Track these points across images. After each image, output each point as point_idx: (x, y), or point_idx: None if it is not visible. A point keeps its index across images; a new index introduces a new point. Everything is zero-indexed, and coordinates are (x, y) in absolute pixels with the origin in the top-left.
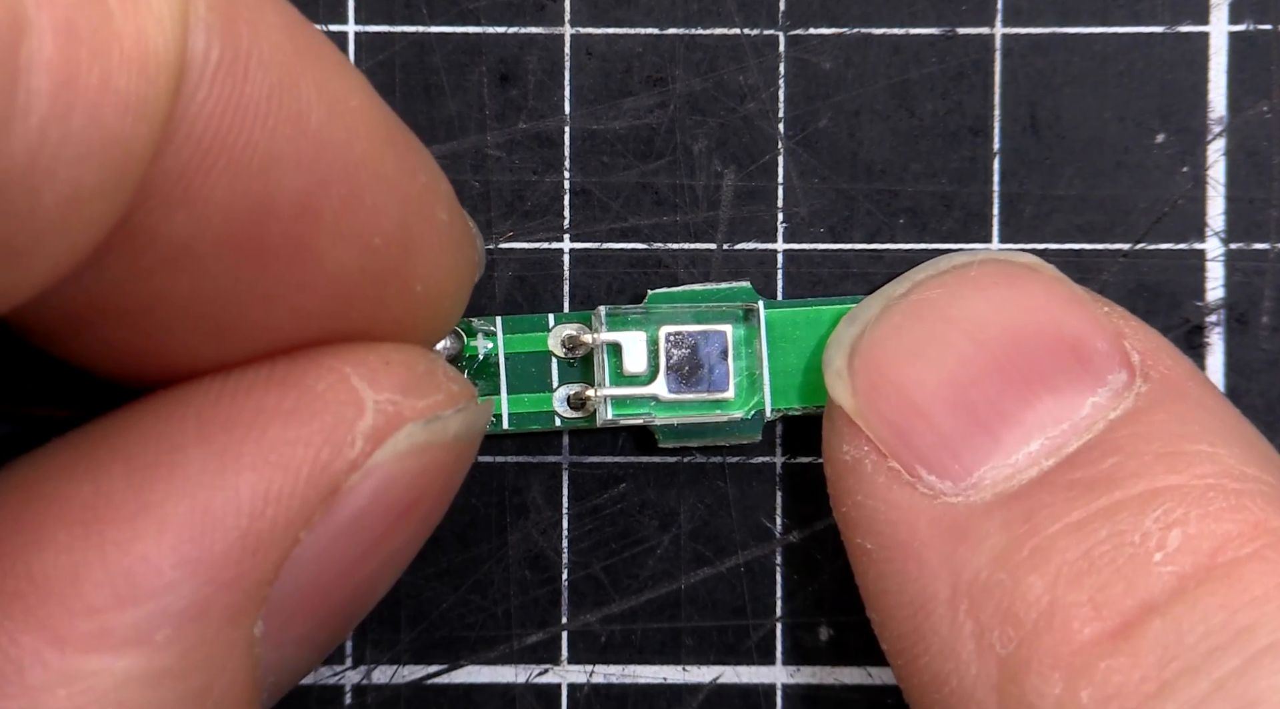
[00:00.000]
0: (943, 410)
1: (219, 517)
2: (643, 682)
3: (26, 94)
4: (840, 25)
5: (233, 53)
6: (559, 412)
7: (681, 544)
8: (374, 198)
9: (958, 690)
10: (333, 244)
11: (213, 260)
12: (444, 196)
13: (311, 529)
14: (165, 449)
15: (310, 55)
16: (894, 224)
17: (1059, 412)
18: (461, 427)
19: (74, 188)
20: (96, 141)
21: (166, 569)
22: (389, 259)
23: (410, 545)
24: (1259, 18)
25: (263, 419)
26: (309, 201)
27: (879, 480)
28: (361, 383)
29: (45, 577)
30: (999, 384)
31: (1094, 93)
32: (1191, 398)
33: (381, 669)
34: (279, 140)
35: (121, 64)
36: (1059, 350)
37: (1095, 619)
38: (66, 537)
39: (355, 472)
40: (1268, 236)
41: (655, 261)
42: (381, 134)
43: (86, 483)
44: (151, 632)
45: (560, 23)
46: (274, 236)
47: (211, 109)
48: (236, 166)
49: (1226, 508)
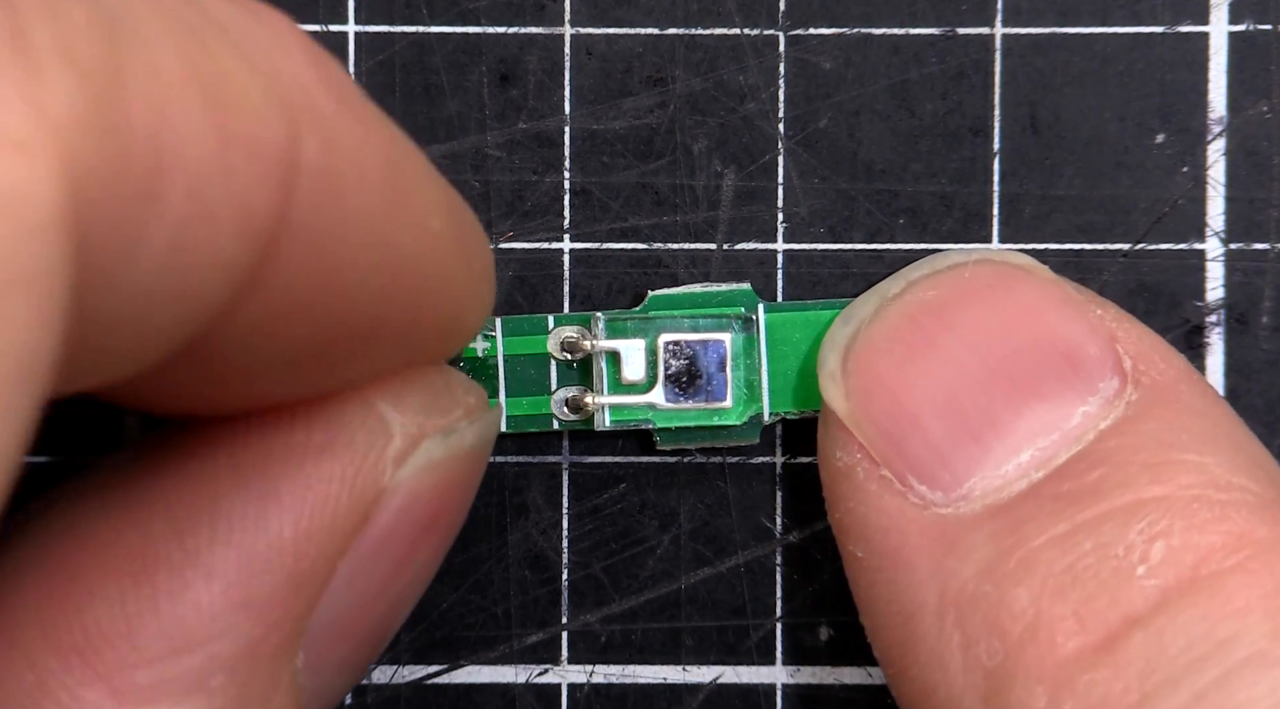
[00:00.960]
0: (934, 417)
1: (264, 559)
2: (643, 682)
3: (147, 247)
4: (840, 25)
5: (334, 212)
6: (557, 414)
7: (681, 544)
8: (439, 299)
9: (945, 701)
10: (395, 341)
11: (284, 369)
12: (489, 267)
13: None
14: (204, 496)
15: (404, 184)
16: (894, 224)
17: (1050, 420)
18: (476, 437)
19: (142, 329)
20: (177, 292)
21: (218, 616)
22: (440, 332)
23: (435, 558)
24: (1259, 18)
25: (295, 456)
26: (381, 320)
27: (871, 488)
28: (388, 408)
29: (100, 630)
30: (991, 391)
31: (1094, 93)
32: (1183, 404)
33: (381, 669)
34: (365, 279)
35: (226, 226)
36: (1051, 357)
37: (1079, 632)
38: (117, 589)
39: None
40: (1268, 236)
41: (655, 261)
42: (453, 247)
43: (129, 532)
44: (207, 678)
45: (560, 23)
46: (344, 347)
47: (305, 264)
48: (321, 309)
49: (1211, 519)
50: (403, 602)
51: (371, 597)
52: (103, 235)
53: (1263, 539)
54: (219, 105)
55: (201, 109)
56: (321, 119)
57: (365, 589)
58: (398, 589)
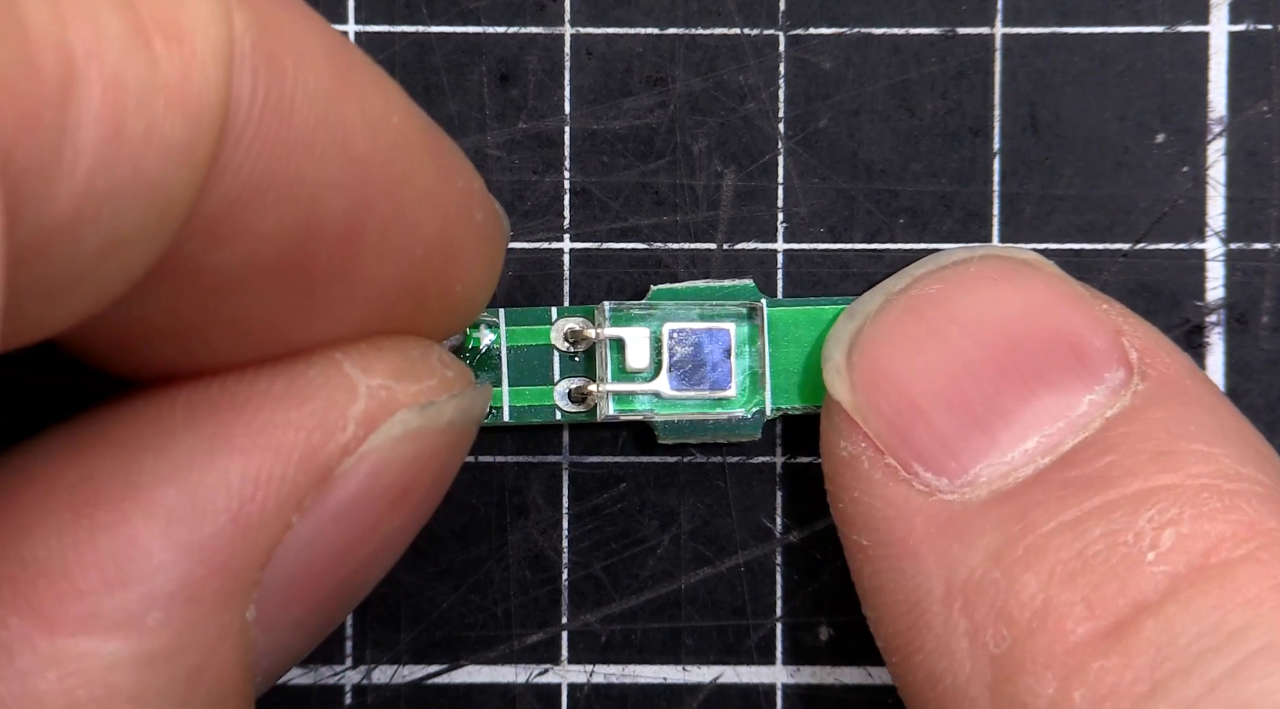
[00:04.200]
0: (940, 407)
1: (208, 499)
2: (643, 682)
3: (74, 148)
4: (840, 25)
5: (278, 91)
6: (560, 405)
7: (681, 544)
8: (416, 211)
9: (951, 689)
10: (377, 261)
11: (259, 287)
12: (479, 195)
13: (304, 514)
14: (154, 433)
15: (352, 78)
16: (894, 224)
17: (1056, 409)
18: (456, 413)
19: (115, 233)
20: (139, 189)
21: (156, 552)
22: (431, 267)
23: (405, 532)
24: (1259, 18)
25: (253, 403)
26: (354, 224)
27: (875, 477)
28: (354, 368)
29: (34, 561)
30: (996, 381)
31: (1094, 93)
32: (1189, 396)
33: (381, 669)
34: (324, 169)
35: (166, 112)
36: (1057, 347)
37: (1088, 619)
38: (55, 520)
39: (348, 457)
40: (1268, 236)
41: (655, 261)
42: (421, 146)
43: (74, 466)
44: (142, 615)
45: (560, 23)
46: (319, 261)
47: (257, 148)
48: (282, 200)
49: (1220, 508)
50: (367, 571)
51: (333, 560)
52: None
53: (1273, 529)
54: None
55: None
56: (249, 2)
57: (327, 552)
58: (361, 556)
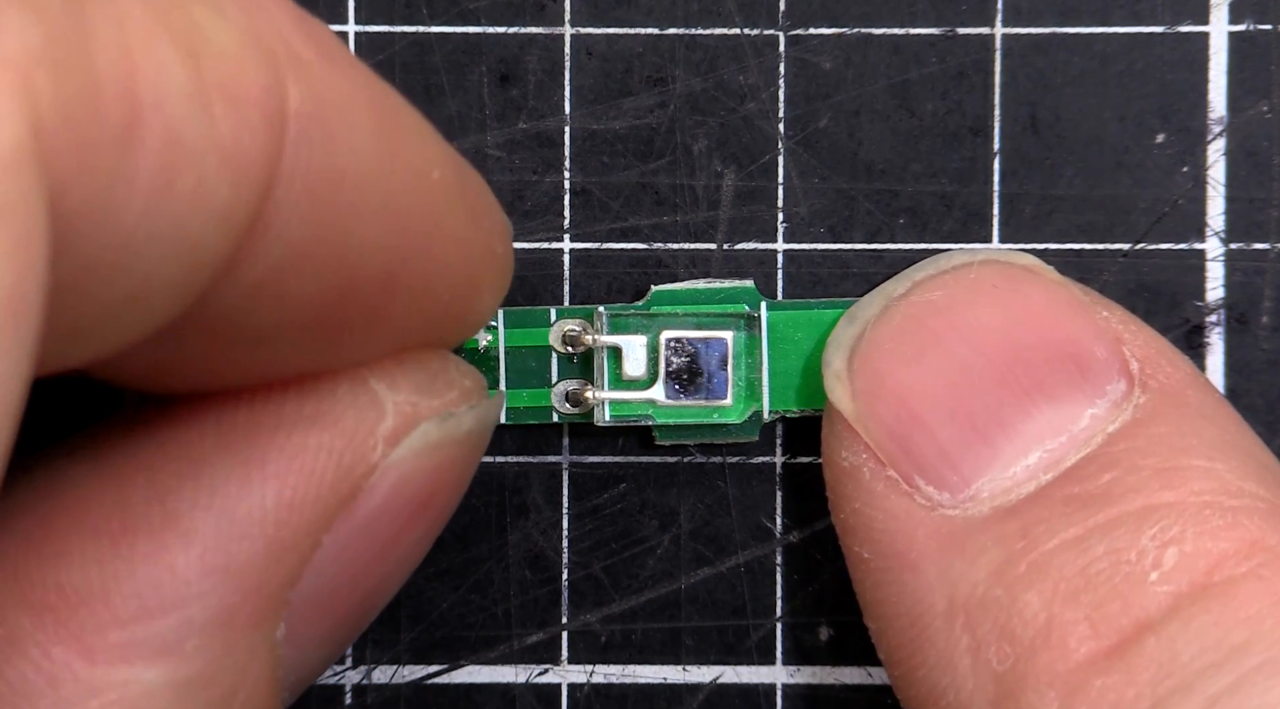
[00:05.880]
0: (942, 419)
1: (244, 525)
2: (643, 682)
3: (126, 194)
4: (840, 25)
5: (328, 160)
6: (557, 407)
7: (681, 544)
8: (447, 256)
9: (954, 705)
10: (408, 303)
11: (293, 336)
12: (500, 228)
13: (332, 531)
14: (187, 457)
15: (398, 137)
16: (894, 224)
17: (1057, 422)
18: (475, 423)
19: (144, 283)
20: (177, 244)
21: (194, 580)
22: (457, 301)
23: (424, 541)
24: (1259, 18)
25: (285, 426)
26: (390, 278)
27: (877, 488)
28: (380, 385)
29: (74, 589)
30: (998, 393)
31: (1094, 93)
32: (1191, 408)
33: (381, 669)
34: (368, 230)
35: (217, 173)
36: (1058, 359)
37: (1091, 637)
38: (94, 549)
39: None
40: (1268, 236)
41: (655, 261)
42: (457, 196)
43: (109, 491)
44: (180, 642)
45: (560, 23)
46: (353, 310)
47: (305, 214)
48: (326, 263)
49: (1223, 526)
50: (389, 581)
51: (358, 573)
52: (79, 178)
53: (1274, 546)
54: (192, 51)
55: (174, 54)
56: (304, 67)
57: (352, 565)
58: (385, 568)
